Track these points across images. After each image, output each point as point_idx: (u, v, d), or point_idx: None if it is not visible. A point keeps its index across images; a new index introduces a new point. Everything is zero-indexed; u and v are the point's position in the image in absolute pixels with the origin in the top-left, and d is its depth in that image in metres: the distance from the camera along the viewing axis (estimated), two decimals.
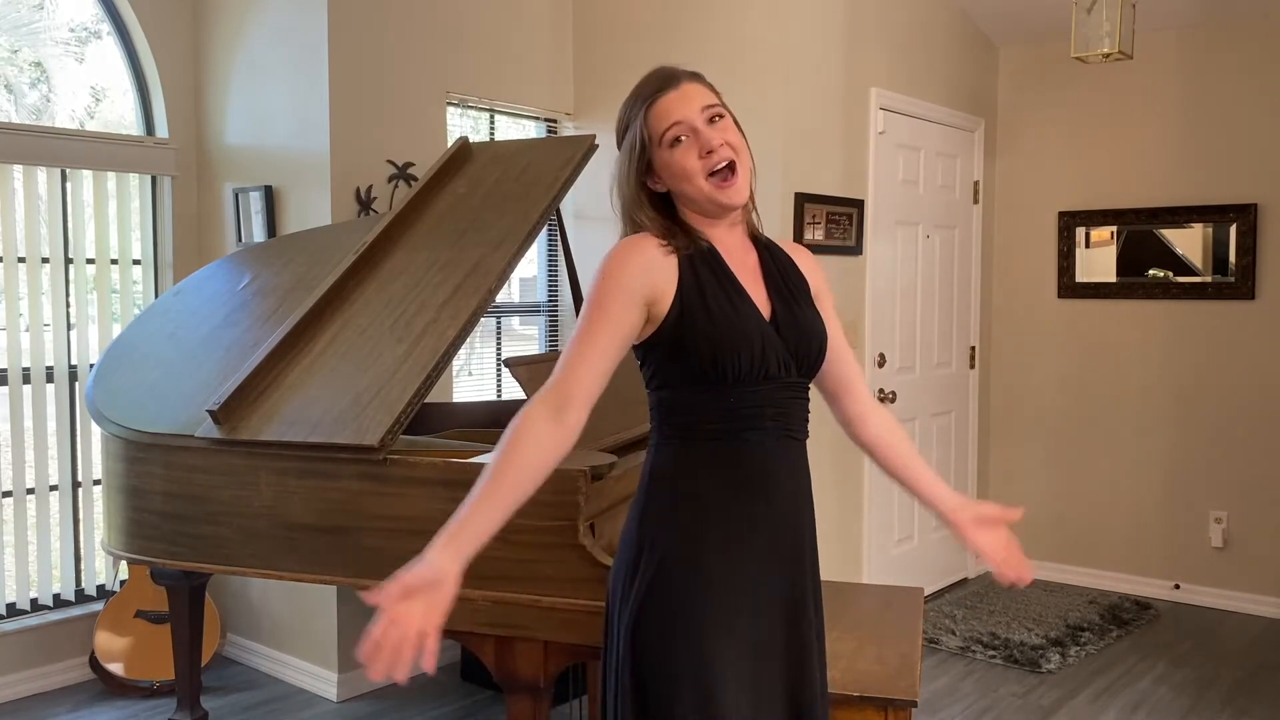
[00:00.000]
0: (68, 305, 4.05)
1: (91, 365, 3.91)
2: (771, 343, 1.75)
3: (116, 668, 3.94)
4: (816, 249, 4.19)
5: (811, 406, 1.87)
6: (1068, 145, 5.31)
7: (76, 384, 4.08)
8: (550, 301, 4.87)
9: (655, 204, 1.78)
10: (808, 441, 1.87)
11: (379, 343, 2.81)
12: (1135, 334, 5.17)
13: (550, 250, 4.86)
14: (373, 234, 3.15)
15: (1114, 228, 5.20)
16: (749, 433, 1.75)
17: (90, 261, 4.15)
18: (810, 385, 1.87)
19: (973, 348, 5.44)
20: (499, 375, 4.72)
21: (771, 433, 1.77)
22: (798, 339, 1.79)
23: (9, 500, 3.98)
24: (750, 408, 1.75)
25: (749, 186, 1.77)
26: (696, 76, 1.78)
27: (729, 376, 1.72)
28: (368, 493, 2.56)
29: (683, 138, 1.71)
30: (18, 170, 3.90)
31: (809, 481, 1.87)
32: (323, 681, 3.96)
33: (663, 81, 1.75)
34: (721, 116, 1.74)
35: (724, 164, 1.71)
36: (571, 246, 3.76)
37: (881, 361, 4.71)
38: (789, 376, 1.78)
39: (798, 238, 4.13)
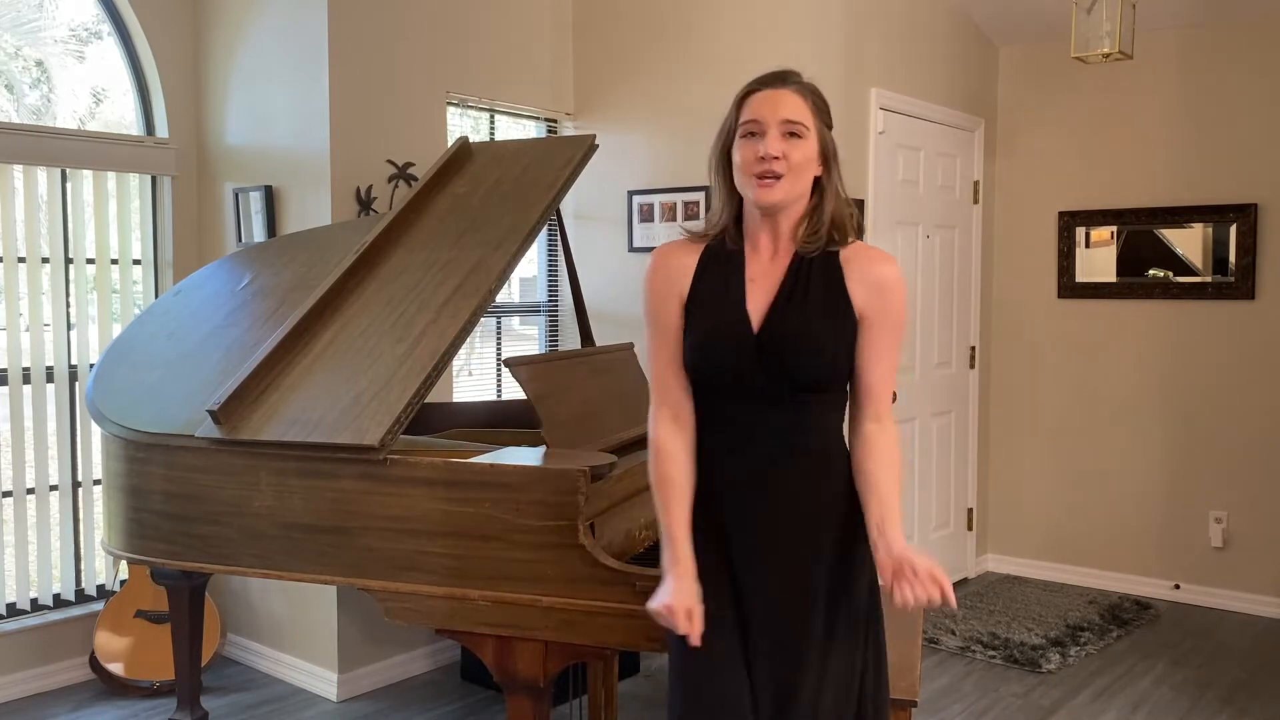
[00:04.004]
0: (68, 305, 4.05)
1: (91, 365, 3.91)
2: (745, 356, 1.81)
3: (116, 668, 3.94)
4: None
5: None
6: (1068, 145, 5.31)
7: (76, 384, 4.08)
8: (550, 301, 4.87)
9: (730, 182, 1.89)
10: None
11: (379, 343, 2.81)
12: (1135, 334, 5.17)
13: (550, 250, 4.87)
14: (373, 234, 3.15)
15: (1114, 228, 5.20)
16: (720, 440, 1.87)
17: (90, 261, 4.15)
18: (821, 399, 1.87)
19: (973, 348, 5.44)
20: (499, 375, 4.72)
21: (760, 444, 1.84)
22: (777, 356, 1.79)
23: (9, 500, 3.98)
24: (723, 417, 1.86)
25: (787, 196, 1.82)
26: (805, 91, 1.84)
27: (704, 382, 1.85)
28: (368, 493, 2.56)
29: (754, 134, 1.81)
30: (18, 170, 3.90)
31: (812, 499, 1.86)
32: (323, 681, 3.96)
33: (769, 79, 1.85)
34: (798, 135, 1.80)
35: (769, 174, 1.79)
36: (571, 246, 3.76)
37: None
38: (768, 389, 1.81)
39: None
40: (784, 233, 1.86)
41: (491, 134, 4.65)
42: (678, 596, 1.82)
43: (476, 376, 4.67)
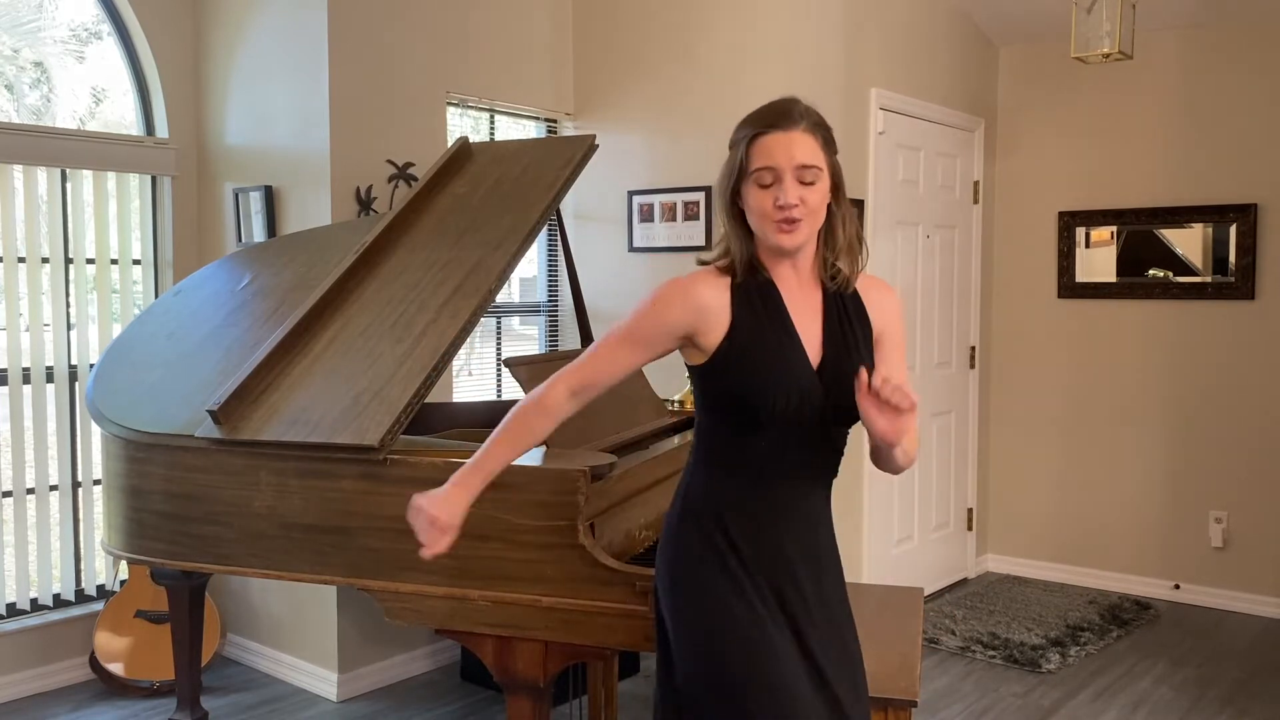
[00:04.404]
0: (68, 305, 4.05)
1: (91, 365, 3.91)
2: (811, 392, 1.81)
3: (116, 668, 3.94)
4: None
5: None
6: (1068, 145, 5.31)
7: (76, 384, 4.08)
8: (550, 301, 4.87)
9: (740, 220, 1.85)
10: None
11: (379, 343, 2.81)
12: (1135, 334, 5.17)
13: (550, 250, 4.87)
14: (373, 234, 3.15)
15: (1114, 228, 5.20)
16: (771, 476, 1.84)
17: (90, 261, 4.15)
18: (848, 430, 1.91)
19: (973, 348, 5.44)
20: (499, 375, 4.72)
21: (793, 478, 1.85)
22: (841, 390, 1.81)
23: (9, 500, 3.98)
24: (778, 451, 1.82)
25: (806, 237, 1.82)
26: (814, 127, 1.81)
27: (761, 419, 1.79)
28: (368, 493, 2.56)
29: (768, 181, 1.77)
30: (18, 170, 3.90)
31: (828, 527, 1.93)
32: (323, 681, 3.96)
33: (778, 118, 1.79)
34: (813, 182, 1.78)
35: (791, 220, 1.77)
36: (571, 246, 3.76)
37: None
38: (824, 425, 1.83)
39: None
40: (804, 264, 1.87)
41: (491, 134, 4.65)
42: (448, 510, 1.88)
43: (476, 376, 4.67)
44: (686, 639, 1.87)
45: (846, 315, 1.88)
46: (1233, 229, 4.88)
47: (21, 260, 3.95)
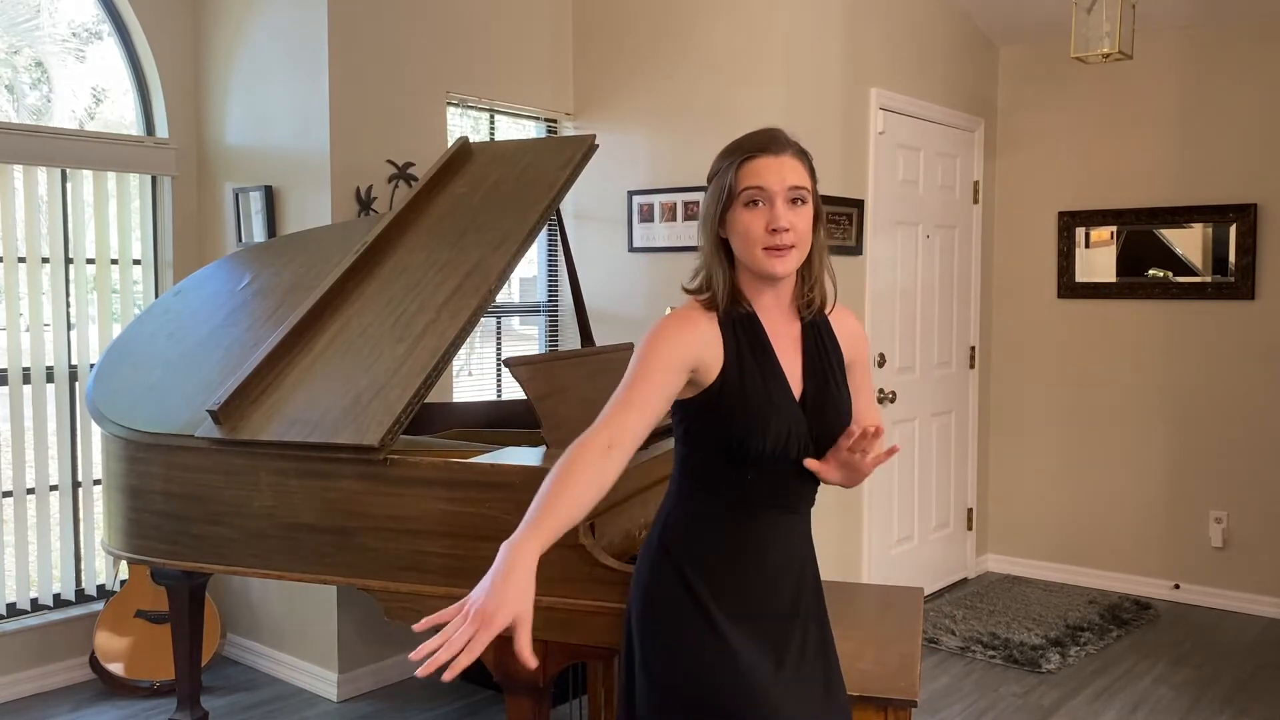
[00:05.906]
0: (68, 305, 4.05)
1: (91, 365, 3.91)
2: (797, 427, 1.82)
3: (116, 668, 3.94)
4: None
5: None
6: (1068, 145, 5.31)
7: (76, 384, 4.08)
8: (550, 301, 4.87)
9: (723, 249, 1.84)
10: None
11: (379, 343, 2.81)
12: (1135, 334, 5.17)
13: (550, 250, 4.87)
14: (373, 234, 3.15)
15: (1114, 228, 5.20)
16: (756, 507, 1.83)
17: (90, 261, 4.15)
18: None
19: (973, 348, 5.44)
20: (499, 375, 4.72)
21: (774, 510, 1.85)
22: (822, 422, 1.84)
23: (9, 500, 3.98)
24: (763, 484, 1.82)
25: (797, 265, 1.82)
26: (801, 154, 1.82)
27: (749, 455, 1.79)
28: (368, 493, 2.56)
29: (759, 202, 1.77)
30: (18, 170, 3.90)
31: (809, 549, 1.94)
32: (323, 681, 3.96)
33: (766, 144, 1.79)
34: (804, 201, 1.79)
35: (782, 245, 1.77)
36: (571, 247, 3.76)
37: (881, 361, 4.71)
38: (806, 455, 1.84)
39: None
40: (785, 294, 1.87)
41: (491, 134, 4.65)
42: (521, 600, 1.60)
43: (476, 376, 4.67)
44: (662, 675, 1.83)
45: (823, 344, 1.90)
46: (1232, 229, 4.88)
47: (21, 260, 3.95)
